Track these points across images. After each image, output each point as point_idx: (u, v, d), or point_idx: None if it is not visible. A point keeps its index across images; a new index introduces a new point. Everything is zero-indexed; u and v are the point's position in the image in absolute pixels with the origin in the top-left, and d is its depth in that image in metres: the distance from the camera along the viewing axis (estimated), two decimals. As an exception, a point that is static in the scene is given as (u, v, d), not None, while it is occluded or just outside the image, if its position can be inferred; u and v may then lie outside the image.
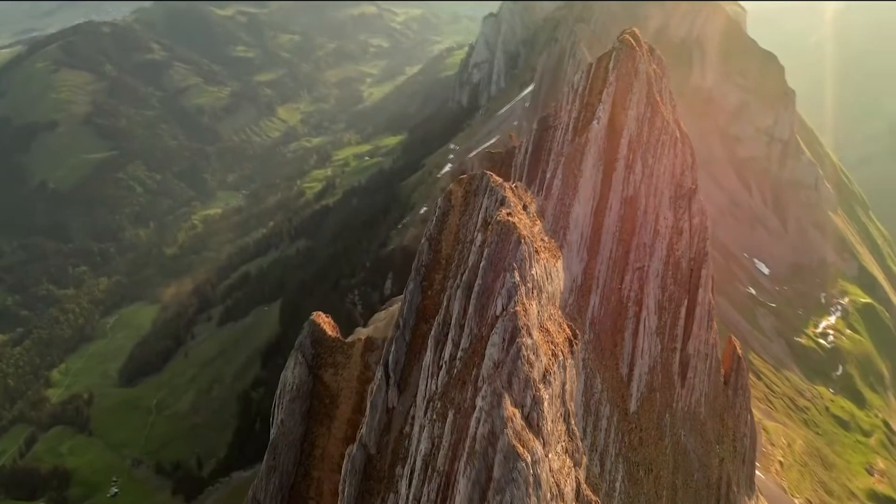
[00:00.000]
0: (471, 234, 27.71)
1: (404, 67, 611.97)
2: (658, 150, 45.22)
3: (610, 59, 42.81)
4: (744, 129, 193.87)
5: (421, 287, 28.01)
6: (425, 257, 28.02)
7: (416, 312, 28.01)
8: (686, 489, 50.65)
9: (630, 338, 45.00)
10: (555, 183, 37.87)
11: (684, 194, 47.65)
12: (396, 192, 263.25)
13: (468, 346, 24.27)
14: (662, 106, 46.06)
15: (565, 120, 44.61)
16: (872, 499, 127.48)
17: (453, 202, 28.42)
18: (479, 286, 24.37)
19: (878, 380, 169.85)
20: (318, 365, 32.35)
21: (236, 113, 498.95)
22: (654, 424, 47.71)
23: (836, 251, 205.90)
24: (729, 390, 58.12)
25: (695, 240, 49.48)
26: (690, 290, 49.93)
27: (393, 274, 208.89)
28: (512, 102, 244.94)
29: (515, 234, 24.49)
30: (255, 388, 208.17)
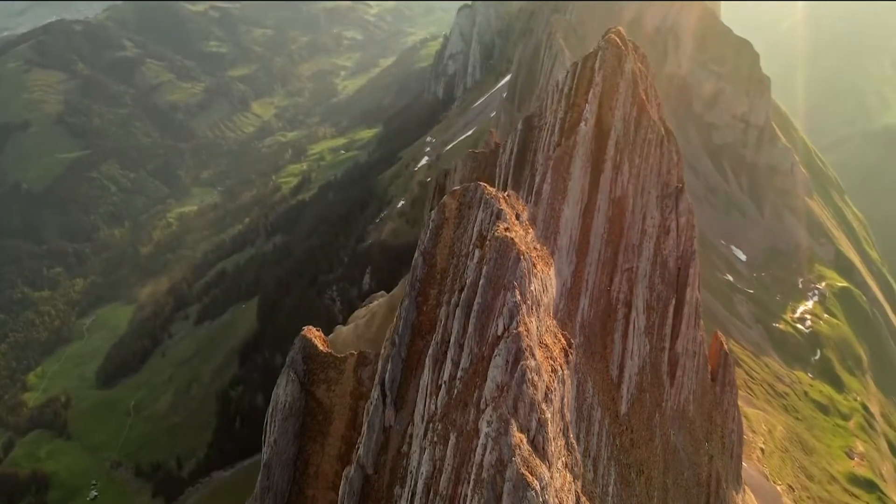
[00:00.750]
0: (466, 247, 27.10)
1: (378, 59, 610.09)
2: (644, 149, 44.83)
3: (595, 58, 42.27)
4: (719, 116, 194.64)
5: (416, 302, 27.35)
6: (420, 272, 27.36)
7: (412, 328, 27.39)
8: (676, 488, 50.50)
9: (620, 340, 44.65)
10: (544, 188, 37.30)
11: (671, 193, 47.34)
12: (373, 186, 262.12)
13: (468, 365, 23.72)
14: (648, 105, 45.64)
15: (551, 121, 44.04)
16: (853, 482, 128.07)
17: (447, 215, 27.77)
18: (478, 305, 23.80)
19: (856, 363, 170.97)
20: (310, 381, 31.67)
21: (210, 109, 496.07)
22: (644, 425, 47.43)
23: (812, 236, 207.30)
24: (717, 387, 58.06)
25: (682, 238, 49.22)
26: (678, 289, 49.71)
27: (371, 269, 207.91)
28: (488, 94, 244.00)
29: (514, 250, 23.93)
30: (234, 386, 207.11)
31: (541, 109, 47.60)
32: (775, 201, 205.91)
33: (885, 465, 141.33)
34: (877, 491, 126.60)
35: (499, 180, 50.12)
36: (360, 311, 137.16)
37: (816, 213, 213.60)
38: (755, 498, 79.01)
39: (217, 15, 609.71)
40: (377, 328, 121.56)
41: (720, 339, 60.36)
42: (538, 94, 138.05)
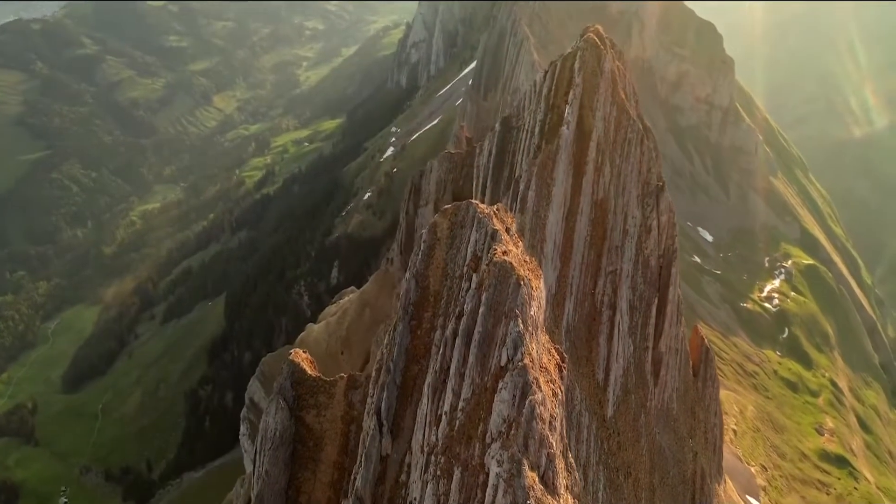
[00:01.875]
0: (459, 268, 26.08)
1: (341, 49, 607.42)
2: (625, 149, 44.15)
3: (575, 59, 41.36)
4: (684, 98, 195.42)
5: (409, 326, 26.32)
6: (413, 295, 26.31)
7: (406, 354, 26.36)
8: (663, 487, 50.20)
9: (605, 343, 44.07)
10: (529, 195, 36.42)
11: (651, 192, 46.77)
12: (338, 178, 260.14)
13: (470, 396, 22.78)
14: (627, 103, 44.94)
15: (530, 122, 43.13)
16: (823, 458, 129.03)
17: (439, 235, 26.73)
18: (479, 334, 22.83)
19: (824, 340, 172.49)
20: (299, 407, 30.54)
21: (171, 104, 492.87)
22: (630, 427, 47.01)
23: (777, 214, 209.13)
24: (699, 382, 57.88)
25: (663, 237, 48.74)
26: (661, 288, 49.26)
27: (339, 262, 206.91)
28: (452, 82, 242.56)
29: (514, 276, 22.97)
30: (203, 385, 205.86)
31: (518, 110, 46.66)
32: (740, 181, 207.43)
33: (854, 440, 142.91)
34: (847, 466, 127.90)
35: (477, 182, 49.16)
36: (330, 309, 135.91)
37: (781, 192, 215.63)
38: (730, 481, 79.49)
39: (176, 9, 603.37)
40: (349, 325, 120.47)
41: (700, 333, 60.16)
42: (504, 83, 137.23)
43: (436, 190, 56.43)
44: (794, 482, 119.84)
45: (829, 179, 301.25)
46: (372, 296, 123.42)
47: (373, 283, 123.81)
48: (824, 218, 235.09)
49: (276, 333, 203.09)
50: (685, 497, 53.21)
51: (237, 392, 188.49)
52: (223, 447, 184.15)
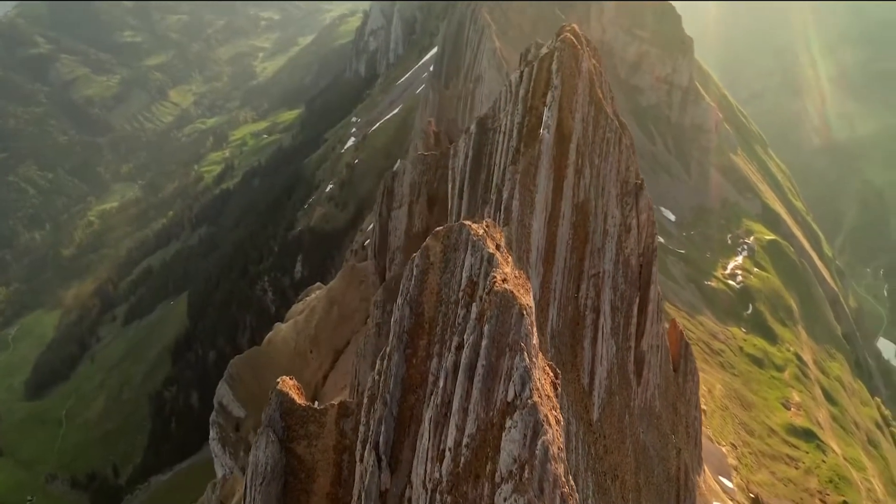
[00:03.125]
0: (455, 293, 24.98)
1: (297, 38, 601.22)
2: (603, 148, 43.32)
3: (552, 60, 40.30)
4: (643, 79, 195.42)
5: (405, 356, 25.24)
6: (407, 322, 25.19)
7: (402, 384, 25.28)
8: (648, 487, 49.81)
9: (589, 346, 43.31)
10: (513, 204, 35.39)
11: (630, 190, 46.08)
12: (300, 171, 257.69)
13: (475, 432, 21.78)
14: (604, 101, 44.11)
15: (507, 124, 42.04)
16: (791, 433, 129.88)
17: (432, 259, 25.59)
18: (483, 368, 21.80)
19: (788, 314, 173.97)
20: (289, 438, 29.31)
21: (127, 101, 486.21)
22: (615, 429, 46.47)
23: (738, 191, 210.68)
24: (679, 377, 57.56)
25: (643, 236, 48.10)
26: (641, 287, 48.64)
27: (303, 256, 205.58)
28: (412, 70, 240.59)
29: (516, 306, 21.95)
30: (168, 386, 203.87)
31: (494, 111, 45.52)
32: (701, 160, 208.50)
33: (820, 413, 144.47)
34: (815, 440, 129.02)
35: (454, 185, 48.00)
36: (297, 307, 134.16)
37: (741, 169, 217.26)
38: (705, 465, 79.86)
39: (130, 4, 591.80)
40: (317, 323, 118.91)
41: (678, 327, 59.81)
42: (466, 71, 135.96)
43: (409, 192, 55.25)
44: (763, 458, 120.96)
45: (788, 153, 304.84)
46: (339, 292, 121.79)
47: (340, 280, 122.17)
48: (784, 192, 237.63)
49: (241, 330, 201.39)
50: (670, 495, 52.96)
51: (202, 392, 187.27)
52: (190, 448, 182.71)
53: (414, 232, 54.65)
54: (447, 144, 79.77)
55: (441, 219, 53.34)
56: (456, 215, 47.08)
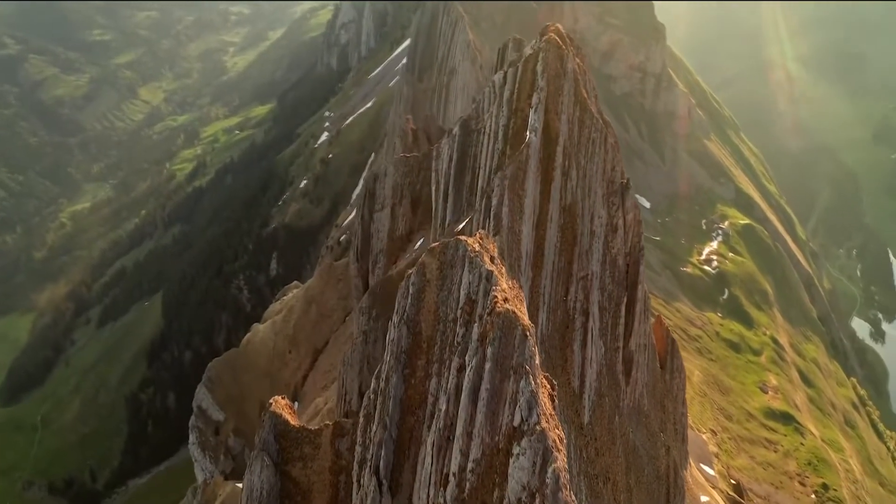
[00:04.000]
0: (452, 311, 24.29)
1: (267, 33, 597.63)
2: (589, 149, 42.76)
3: (536, 61, 39.62)
4: (617, 67, 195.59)
5: (403, 376, 24.57)
6: (404, 343, 24.49)
7: (401, 406, 24.61)
8: (639, 487, 49.54)
9: (579, 349, 42.83)
10: (503, 211, 34.72)
11: (616, 190, 45.61)
12: (273, 167, 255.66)
13: (480, 456, 21.18)
14: (589, 101, 43.56)
15: (492, 126, 41.35)
16: (769, 416, 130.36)
17: (428, 276, 24.87)
18: (487, 392, 21.16)
19: (763, 298, 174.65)
20: (284, 461, 28.53)
21: (97, 100, 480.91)
22: (605, 430, 46.10)
23: (712, 176, 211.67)
24: (666, 374, 57.31)
25: (629, 235, 47.70)
26: (629, 287, 48.26)
27: (278, 253, 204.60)
28: (385, 63, 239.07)
29: (519, 327, 21.30)
30: (144, 388, 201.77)
31: (477, 112, 44.76)
32: (675, 146, 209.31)
33: (798, 395, 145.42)
34: (793, 422, 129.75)
35: (438, 187, 47.26)
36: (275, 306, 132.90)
37: (715, 154, 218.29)
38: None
39: (99, 2, 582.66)
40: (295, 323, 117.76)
41: (664, 324, 59.53)
42: (440, 64, 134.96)
43: (392, 195, 54.45)
44: (742, 443, 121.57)
45: (760, 136, 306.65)
46: (317, 291, 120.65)
47: (318, 279, 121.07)
48: (758, 176, 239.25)
49: (217, 330, 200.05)
50: (660, 493, 52.75)
51: (179, 393, 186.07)
52: (168, 450, 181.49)
53: (397, 235, 53.91)
54: (426, 142, 78.96)
55: (425, 221, 52.74)
56: (441, 219, 46.43)
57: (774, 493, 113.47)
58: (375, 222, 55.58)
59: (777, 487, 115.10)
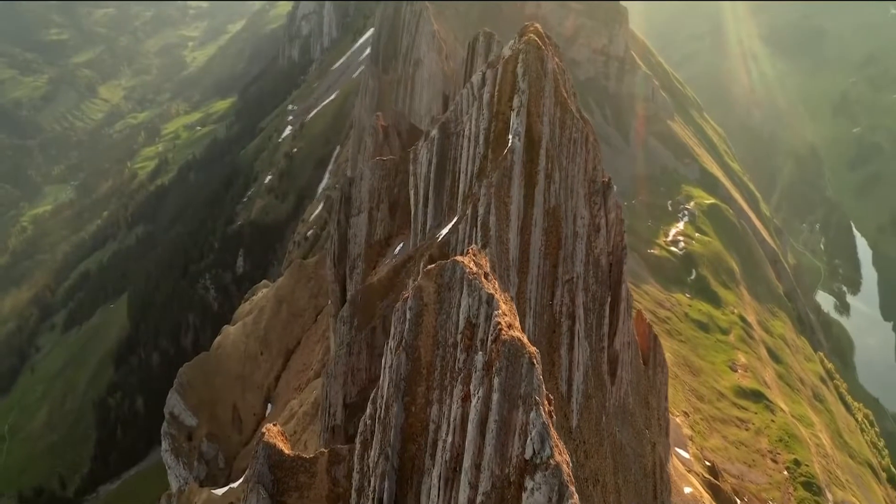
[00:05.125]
0: (452, 335, 23.53)
1: (227, 26, 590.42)
2: (571, 149, 42.10)
3: (517, 62, 38.79)
4: (580, 51, 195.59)
5: (404, 404, 23.78)
6: (403, 370, 23.69)
7: (402, 434, 23.84)
8: (627, 486, 49.35)
9: (566, 353, 42.30)
10: (490, 220, 33.94)
11: (598, 189, 45.07)
12: (236, 162, 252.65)
13: (490, 489, 20.51)
14: (569, 100, 42.87)
15: (473, 130, 40.49)
16: (740, 395, 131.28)
17: (426, 300, 24.04)
18: (496, 423, 20.45)
19: (730, 276, 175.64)
20: (279, 491, 27.63)
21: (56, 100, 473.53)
22: (594, 432, 45.76)
23: (676, 157, 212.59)
24: (649, 370, 57.15)
25: (612, 234, 47.22)
26: (612, 287, 47.83)
27: (244, 250, 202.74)
28: (348, 54, 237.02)
29: (526, 355, 20.60)
30: (112, 393, 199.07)
31: (455, 114, 43.83)
32: (639, 128, 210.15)
33: (767, 372, 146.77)
34: (763, 399, 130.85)
35: (416, 192, 46.36)
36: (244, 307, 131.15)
37: (679, 135, 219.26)
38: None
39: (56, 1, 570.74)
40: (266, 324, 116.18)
41: (645, 319, 59.34)
42: (405, 55, 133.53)
43: (369, 199, 53.38)
44: (714, 423, 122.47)
45: (721, 112, 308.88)
46: (287, 290, 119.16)
47: (288, 278, 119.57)
48: (721, 155, 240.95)
49: (184, 331, 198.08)
50: (647, 491, 52.66)
51: (147, 396, 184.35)
52: (137, 455, 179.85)
53: (375, 240, 52.94)
54: (396, 139, 77.91)
55: (403, 225, 51.88)
56: (421, 224, 45.60)
57: (748, 472, 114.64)
58: (352, 227, 54.52)
59: (750, 466, 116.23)
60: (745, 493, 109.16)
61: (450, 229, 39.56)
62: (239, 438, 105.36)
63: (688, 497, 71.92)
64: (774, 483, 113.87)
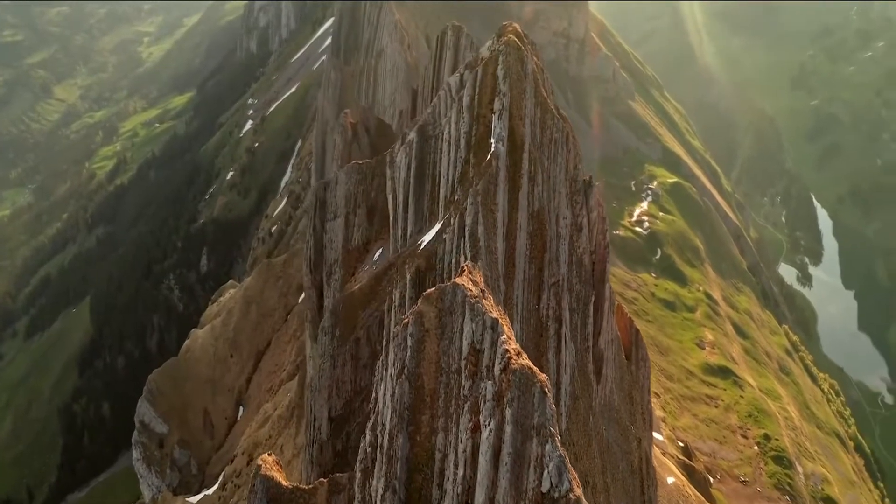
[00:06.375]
0: (455, 361, 22.86)
1: (182, 19, 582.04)
2: (552, 149, 41.53)
3: (497, 64, 38.03)
4: (541, 34, 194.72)
5: (408, 434, 23.09)
6: (407, 399, 22.98)
7: (408, 465, 23.17)
8: (615, 484, 49.24)
9: (554, 357, 41.86)
10: (478, 230, 33.25)
11: (579, 189, 44.57)
12: (197, 159, 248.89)
13: (505, 523, 20.04)
14: (548, 99, 42.26)
15: (452, 133, 39.65)
16: (708, 372, 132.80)
17: (427, 326, 23.30)
18: (509, 456, 19.86)
19: (695, 254, 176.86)
20: (278, 526, 26.89)
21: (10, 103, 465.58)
22: (582, 433, 45.51)
23: (639, 137, 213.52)
24: (632, 365, 57.02)
25: (594, 233, 46.76)
26: (595, 286, 47.48)
27: (208, 248, 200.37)
28: (307, 45, 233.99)
29: (537, 384, 20.01)
30: (77, 399, 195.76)
31: (434, 116, 42.96)
32: (601, 110, 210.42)
33: (733, 348, 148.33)
34: (731, 375, 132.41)
35: (395, 197, 45.46)
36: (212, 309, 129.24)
37: (640, 115, 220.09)
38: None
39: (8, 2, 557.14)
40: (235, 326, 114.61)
41: (626, 314, 59.17)
42: (367, 46, 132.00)
43: (345, 204, 52.35)
44: (684, 402, 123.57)
45: (681, 89, 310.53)
46: (256, 290, 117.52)
47: (256, 278, 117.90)
48: (682, 133, 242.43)
49: (149, 333, 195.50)
50: (634, 488, 52.66)
51: (114, 401, 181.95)
52: (105, 461, 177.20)
53: (353, 245, 51.95)
54: (365, 135, 76.82)
55: (382, 230, 51.02)
56: (402, 229, 44.74)
57: (719, 449, 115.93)
58: (328, 232, 53.47)
59: (721, 443, 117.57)
60: (718, 471, 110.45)
61: (434, 237, 38.82)
62: (211, 443, 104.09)
63: (671, 487, 72.43)
64: (745, 458, 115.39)
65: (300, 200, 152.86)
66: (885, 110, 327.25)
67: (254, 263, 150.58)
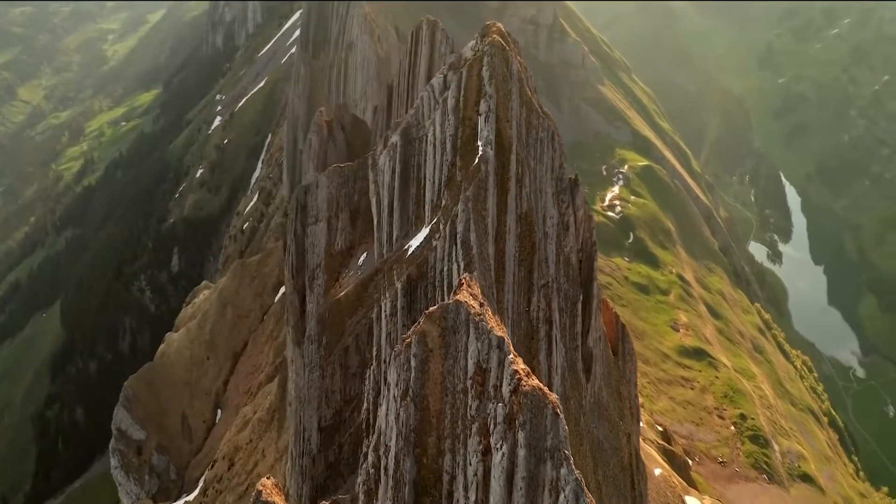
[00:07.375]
0: (461, 381, 22.43)
1: (146, 16, 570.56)
2: (538, 149, 41.18)
3: (481, 65, 37.48)
4: (510, 22, 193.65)
5: (415, 456, 22.68)
6: (412, 421, 22.54)
7: (415, 488, 22.76)
8: (606, 481, 49.22)
9: (545, 359, 41.62)
10: (471, 237, 32.78)
11: (565, 187, 44.28)
12: (165, 157, 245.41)
13: (520, 547, 19.72)
14: (533, 99, 41.84)
15: (437, 135, 39.08)
16: (683, 354, 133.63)
17: (430, 346, 22.82)
18: (523, 480, 19.53)
19: (667, 237, 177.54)
20: (281, 551, 26.34)
21: None
22: (573, 433, 45.38)
23: (608, 122, 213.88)
24: (619, 360, 56.92)
25: (581, 231, 46.50)
26: (583, 284, 47.29)
27: (178, 248, 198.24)
28: (274, 39, 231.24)
29: (549, 405, 19.69)
30: (50, 405, 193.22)
31: (417, 118, 42.36)
32: (571, 95, 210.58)
33: (707, 329, 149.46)
34: (706, 357, 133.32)
35: (379, 201, 44.86)
36: (186, 311, 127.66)
37: (610, 99, 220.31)
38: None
39: None
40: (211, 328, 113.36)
41: (612, 308, 59.04)
42: (336, 39, 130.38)
43: (327, 208, 51.60)
44: (661, 385, 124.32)
45: (649, 72, 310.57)
46: (231, 291, 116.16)
47: (231, 278, 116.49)
48: (651, 116, 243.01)
49: (121, 335, 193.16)
50: (625, 484, 52.68)
51: (87, 406, 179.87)
52: (80, 468, 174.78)
53: (336, 250, 51.21)
54: (340, 132, 75.99)
55: (366, 234, 50.37)
56: (387, 233, 44.18)
57: (696, 431, 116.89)
58: (310, 236, 52.68)
59: (698, 425, 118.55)
60: (696, 453, 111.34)
61: (422, 242, 38.33)
62: (190, 448, 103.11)
63: (659, 479, 72.88)
64: (723, 439, 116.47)
65: (272, 197, 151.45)
66: (852, 87, 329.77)
67: (226, 262, 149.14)
